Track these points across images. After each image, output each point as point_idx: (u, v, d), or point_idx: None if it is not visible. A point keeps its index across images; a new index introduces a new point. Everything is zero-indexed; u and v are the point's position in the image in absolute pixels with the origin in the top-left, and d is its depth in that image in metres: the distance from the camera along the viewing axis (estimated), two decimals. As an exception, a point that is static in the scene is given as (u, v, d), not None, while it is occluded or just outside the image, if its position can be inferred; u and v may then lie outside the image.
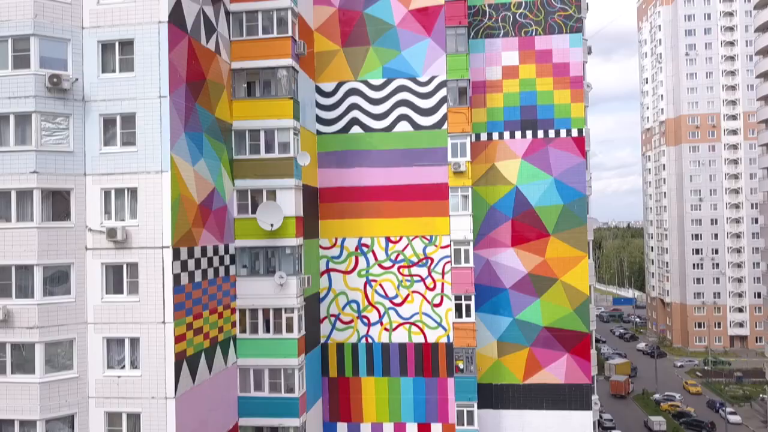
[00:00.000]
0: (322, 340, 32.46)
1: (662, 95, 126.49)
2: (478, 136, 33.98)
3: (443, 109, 31.77)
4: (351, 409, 32.03)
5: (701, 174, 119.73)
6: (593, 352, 36.71)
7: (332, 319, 32.38)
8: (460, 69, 31.31)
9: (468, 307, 31.29)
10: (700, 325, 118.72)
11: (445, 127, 31.73)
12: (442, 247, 31.74)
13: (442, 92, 31.81)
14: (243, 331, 28.02)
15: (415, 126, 32.09)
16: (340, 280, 32.33)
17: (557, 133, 33.35)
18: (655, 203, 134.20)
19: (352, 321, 32.27)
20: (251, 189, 27.92)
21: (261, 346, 27.80)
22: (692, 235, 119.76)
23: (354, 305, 32.27)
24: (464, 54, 31.37)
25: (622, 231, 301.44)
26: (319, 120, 32.70)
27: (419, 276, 31.89)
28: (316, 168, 32.41)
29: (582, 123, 33.29)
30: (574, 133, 33.29)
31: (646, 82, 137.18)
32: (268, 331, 27.90)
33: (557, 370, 33.09)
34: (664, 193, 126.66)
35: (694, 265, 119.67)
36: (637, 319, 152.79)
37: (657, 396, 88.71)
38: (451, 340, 31.50)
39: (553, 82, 33.38)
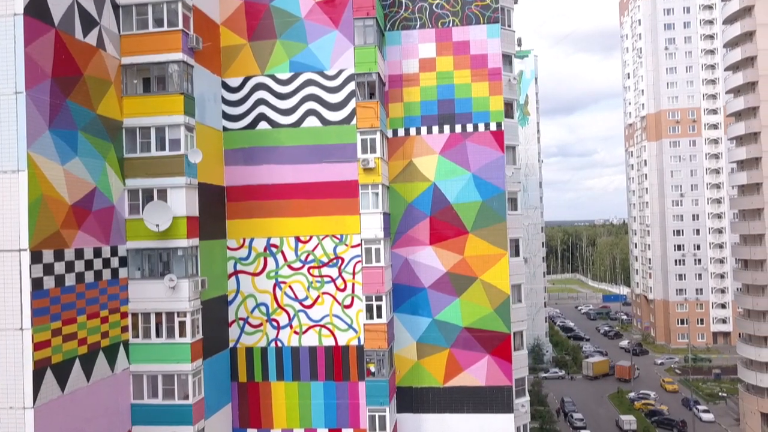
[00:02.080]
0: (232, 344, 31.42)
1: (643, 90, 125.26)
2: (395, 132, 32.95)
3: (352, 104, 30.70)
4: (261, 415, 31.00)
5: (682, 169, 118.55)
6: (524, 353, 35.69)
7: (241, 322, 31.34)
8: (369, 62, 30.23)
9: (379, 307, 30.24)
10: (682, 322, 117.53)
11: (354, 122, 30.67)
12: (353, 247, 30.68)
13: (351, 86, 30.75)
14: (136, 335, 27.04)
15: (324, 121, 31.04)
16: (248, 282, 31.28)
17: (475, 128, 32.29)
18: (637, 199, 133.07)
19: (261, 324, 31.22)
20: (142, 188, 26.94)
21: (154, 352, 26.82)
22: (674, 231, 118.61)
23: (263, 308, 31.23)
24: (372, 46, 30.29)
25: (617, 228, 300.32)
26: (226, 116, 31.65)
27: (330, 277, 30.82)
28: (222, 166, 31.38)
29: (500, 116, 32.22)
30: (493, 126, 32.23)
31: (628, 78, 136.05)
32: (160, 335, 26.93)
33: (478, 372, 32.03)
34: (646, 189, 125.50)
35: (676, 261, 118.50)
36: (624, 317, 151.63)
37: (632, 394, 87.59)
38: (362, 343, 30.45)
39: (471, 75, 32.33)
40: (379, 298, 30.20)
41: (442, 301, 32.36)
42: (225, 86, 31.63)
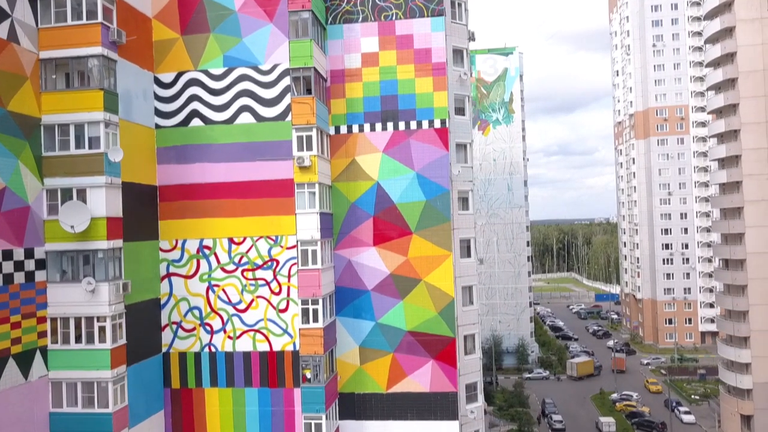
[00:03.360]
0: (165, 349, 30.32)
1: (631, 88, 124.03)
2: (338, 129, 31.84)
3: (287, 100, 29.58)
4: (194, 422, 29.90)
5: (670, 167, 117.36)
6: (476, 357, 34.69)
7: (174, 326, 30.24)
8: (304, 56, 29.10)
9: (315, 311, 29.13)
10: (670, 322, 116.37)
11: (289, 118, 29.56)
12: (288, 248, 29.56)
13: (286, 81, 29.62)
14: (55, 341, 26.01)
15: (258, 118, 29.90)
16: (181, 285, 30.17)
17: (419, 125, 31.17)
18: (626, 198, 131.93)
19: (194, 329, 30.12)
20: (61, 188, 25.90)
21: (73, 358, 25.83)
22: (662, 230, 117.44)
23: (196, 312, 30.13)
24: (308, 40, 29.16)
25: (612, 226, 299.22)
26: (159, 113, 30.52)
27: (264, 280, 29.71)
28: (155, 164, 30.26)
29: (445, 113, 31.08)
30: (437, 124, 31.10)
31: (617, 75, 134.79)
32: (80, 341, 25.88)
33: (422, 378, 30.93)
34: (634, 187, 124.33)
35: (664, 260, 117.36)
36: (615, 316, 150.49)
37: (615, 395, 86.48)
38: (297, 348, 29.34)
39: (415, 70, 31.20)
40: (315, 302, 29.08)
41: (385, 304, 31.27)
42: (157, 82, 30.50)
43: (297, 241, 29.42)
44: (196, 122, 30.21)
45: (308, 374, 29.06)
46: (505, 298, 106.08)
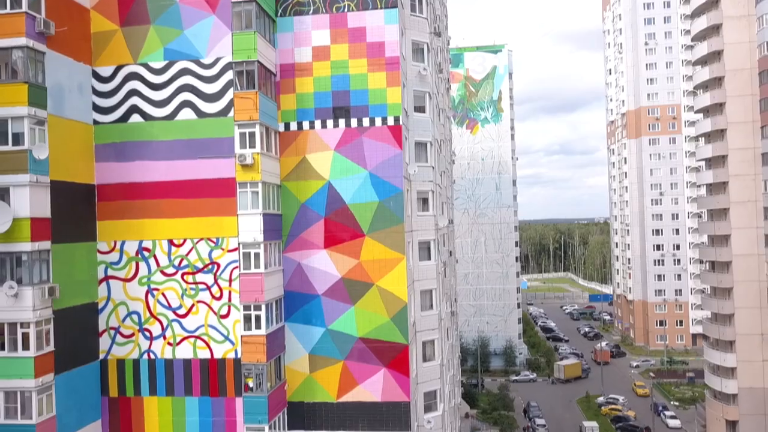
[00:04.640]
0: (102, 356, 28.95)
1: (623, 87, 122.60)
2: (287, 126, 30.43)
3: (230, 95, 28.18)
4: (133, 433, 28.57)
5: (662, 167, 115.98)
6: (435, 364, 33.37)
7: (112, 332, 28.86)
8: (247, 49, 27.68)
9: (258, 318, 27.75)
10: (661, 323, 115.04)
11: (231, 114, 28.16)
12: (230, 251, 28.16)
13: (229, 75, 28.22)
14: (-23, 348, 24.65)
15: (200, 113, 28.49)
16: (119, 288, 28.78)
17: (372, 122, 29.74)
18: (618, 198, 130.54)
19: (133, 334, 28.74)
20: (-17, 187, 24.49)
21: (-4, 366, 24.45)
22: (653, 231, 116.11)
23: (135, 317, 28.74)
24: (251, 32, 27.73)
25: (609, 226, 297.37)
26: (97, 108, 29.11)
27: (205, 284, 28.32)
28: (92, 162, 28.85)
29: (398, 110, 29.65)
30: (390, 121, 29.66)
31: (610, 74, 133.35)
32: (2, 348, 24.54)
33: (373, 387, 29.53)
34: (626, 187, 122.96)
35: (655, 261, 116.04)
36: (607, 317, 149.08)
37: (601, 399, 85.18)
38: (239, 356, 27.96)
39: (368, 64, 29.76)
40: (257, 308, 27.69)
41: (336, 310, 29.85)
42: (96, 76, 29.08)
43: (239, 244, 28.02)
44: (135, 118, 28.80)
45: (250, 383, 27.68)
46: (493, 299, 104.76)
